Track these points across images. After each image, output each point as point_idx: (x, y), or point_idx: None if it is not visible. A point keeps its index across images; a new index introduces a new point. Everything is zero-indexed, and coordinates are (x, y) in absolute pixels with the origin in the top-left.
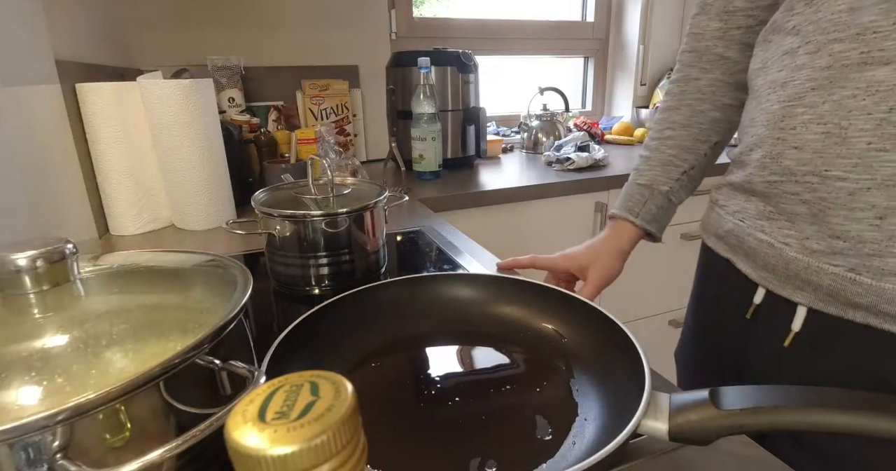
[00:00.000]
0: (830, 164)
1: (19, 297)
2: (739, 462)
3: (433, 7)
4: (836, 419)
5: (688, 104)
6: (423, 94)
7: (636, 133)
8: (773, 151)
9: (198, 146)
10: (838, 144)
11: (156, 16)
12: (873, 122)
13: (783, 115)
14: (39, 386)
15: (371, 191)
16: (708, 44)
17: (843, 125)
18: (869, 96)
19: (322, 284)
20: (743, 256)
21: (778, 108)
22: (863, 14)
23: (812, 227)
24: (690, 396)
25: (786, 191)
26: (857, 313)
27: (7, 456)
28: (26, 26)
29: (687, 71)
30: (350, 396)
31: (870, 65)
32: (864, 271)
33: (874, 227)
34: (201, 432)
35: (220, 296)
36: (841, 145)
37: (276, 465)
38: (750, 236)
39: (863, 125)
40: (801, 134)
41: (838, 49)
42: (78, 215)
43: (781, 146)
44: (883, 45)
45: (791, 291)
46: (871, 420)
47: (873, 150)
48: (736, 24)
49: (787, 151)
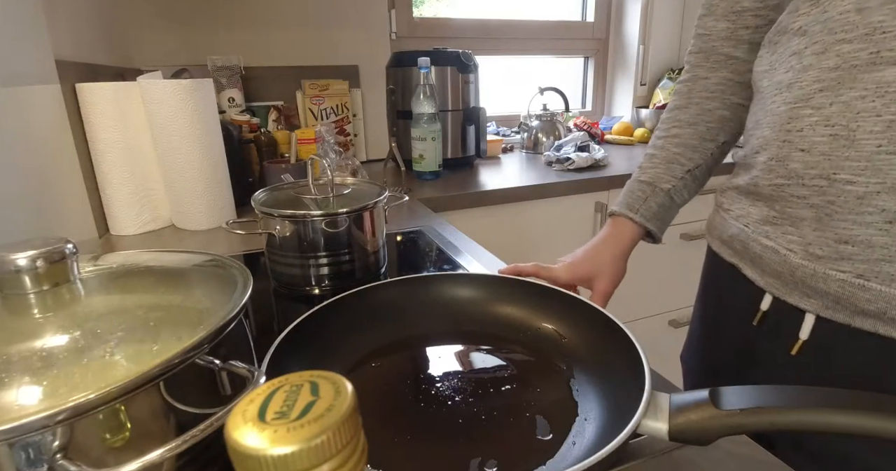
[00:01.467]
0: (839, 167)
1: (19, 297)
2: (739, 462)
3: (433, 7)
4: (837, 419)
5: (696, 103)
6: (423, 94)
7: (636, 133)
8: (779, 154)
9: (198, 146)
10: (847, 147)
11: (156, 16)
12: (883, 124)
13: (790, 117)
14: (39, 386)
15: (371, 191)
16: (715, 44)
17: (851, 127)
18: (878, 98)
19: (322, 284)
20: (749, 261)
21: (784, 110)
22: (871, 14)
23: (815, 232)
24: (690, 396)
25: (793, 194)
26: (866, 321)
27: (7, 456)
28: (26, 26)
29: (695, 71)
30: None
31: (879, 65)
32: (874, 277)
33: (884, 231)
34: (201, 432)
35: (220, 296)
36: (850, 148)
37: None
38: (755, 242)
39: (872, 127)
40: (809, 136)
41: (846, 49)
42: (78, 215)
43: (788, 148)
44: (892, 46)
45: (798, 298)
46: (872, 420)
47: (883, 152)
48: (744, 24)
49: (793, 153)
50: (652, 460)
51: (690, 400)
